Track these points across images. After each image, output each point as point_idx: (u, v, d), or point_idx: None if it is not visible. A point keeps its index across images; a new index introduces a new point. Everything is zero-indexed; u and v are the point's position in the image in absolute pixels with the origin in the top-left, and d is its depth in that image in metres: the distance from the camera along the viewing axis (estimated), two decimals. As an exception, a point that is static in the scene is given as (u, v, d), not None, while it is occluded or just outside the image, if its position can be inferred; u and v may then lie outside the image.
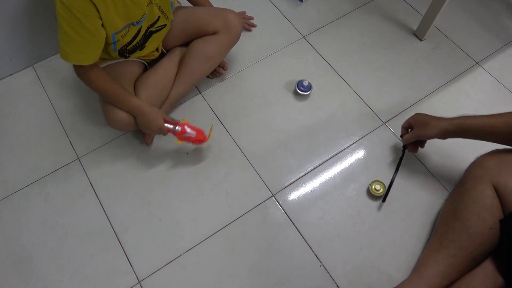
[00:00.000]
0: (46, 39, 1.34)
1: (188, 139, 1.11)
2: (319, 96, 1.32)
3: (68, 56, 0.98)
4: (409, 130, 1.13)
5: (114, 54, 1.11)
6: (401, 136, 1.17)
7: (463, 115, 1.02)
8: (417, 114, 1.11)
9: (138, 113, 1.08)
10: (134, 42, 1.10)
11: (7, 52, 1.31)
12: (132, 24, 1.04)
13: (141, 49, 1.15)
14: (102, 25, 0.98)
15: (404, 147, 1.17)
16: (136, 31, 1.07)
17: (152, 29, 1.13)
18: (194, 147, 1.22)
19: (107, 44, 1.06)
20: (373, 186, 1.13)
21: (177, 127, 1.09)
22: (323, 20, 1.49)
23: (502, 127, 0.95)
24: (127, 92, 1.08)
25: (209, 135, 1.14)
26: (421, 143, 1.14)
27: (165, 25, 1.17)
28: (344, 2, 1.54)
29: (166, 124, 1.09)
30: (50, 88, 1.35)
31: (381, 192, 1.12)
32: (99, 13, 0.95)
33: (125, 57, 1.14)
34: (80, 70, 1.04)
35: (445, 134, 1.04)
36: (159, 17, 1.12)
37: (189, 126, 1.10)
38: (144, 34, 1.11)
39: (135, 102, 1.08)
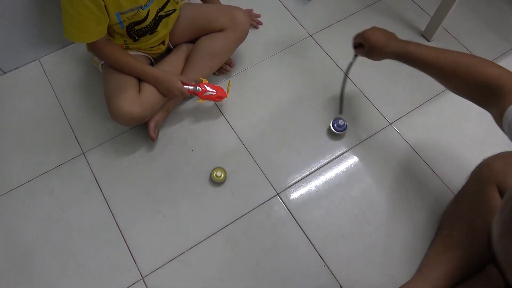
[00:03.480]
0: (53, 33, 1.34)
1: (209, 97, 1.17)
2: (325, 95, 1.31)
3: (72, 35, 1.02)
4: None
5: (122, 31, 1.11)
6: (353, 46, 1.13)
7: (414, 42, 0.95)
8: (368, 34, 1.03)
9: (156, 81, 1.13)
10: (144, 25, 1.10)
11: (13, 45, 1.31)
12: (141, 7, 1.05)
13: (151, 33, 1.15)
14: (105, 5, 0.99)
15: (355, 55, 1.16)
16: (145, 14, 1.08)
17: (162, 13, 1.13)
18: (199, 143, 1.22)
19: (112, 25, 1.06)
20: (214, 173, 1.14)
21: (197, 88, 1.15)
22: (331, 19, 1.48)
23: (438, 71, 0.87)
24: (140, 62, 1.13)
25: (228, 91, 1.21)
26: None
27: (174, 10, 1.17)
28: (352, 1, 1.53)
29: (186, 86, 1.14)
30: (56, 82, 1.34)
31: (222, 178, 1.14)
32: None
33: (134, 39, 1.14)
34: (92, 46, 1.08)
35: (393, 58, 0.99)
36: (168, 0, 1.13)
37: (208, 85, 1.16)
38: (154, 18, 1.11)
39: (151, 71, 1.13)
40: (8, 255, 1.07)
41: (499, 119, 0.72)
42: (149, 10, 1.07)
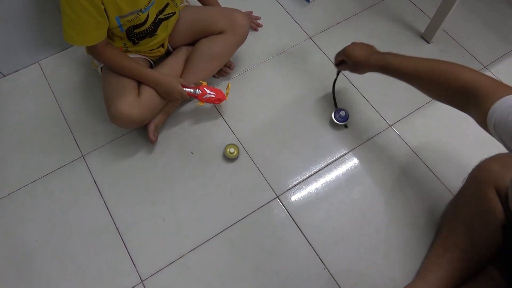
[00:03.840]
0: (52, 36, 1.34)
1: (209, 100, 1.17)
2: (325, 97, 1.31)
3: (71, 38, 1.02)
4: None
5: (122, 35, 1.11)
6: (335, 64, 1.17)
7: (392, 53, 0.99)
8: (350, 51, 1.07)
9: (156, 84, 1.13)
10: (143, 28, 1.10)
11: (13, 48, 1.31)
12: (141, 11, 1.05)
13: (151, 36, 1.15)
14: (104, 8, 0.99)
15: (339, 71, 1.22)
16: (145, 17, 1.08)
17: (161, 16, 1.13)
18: (198, 145, 1.22)
19: (112, 28, 1.07)
20: (228, 150, 1.18)
21: (197, 90, 1.15)
22: (330, 21, 1.48)
23: (416, 79, 0.91)
24: (139, 65, 1.13)
25: (227, 93, 1.21)
26: None
27: (174, 13, 1.17)
28: (351, 3, 1.53)
29: (186, 89, 1.14)
30: (55, 85, 1.34)
31: (236, 154, 1.18)
32: None
33: (134, 42, 1.14)
34: (91, 49, 1.08)
35: (375, 71, 1.03)
36: (167, 3, 1.13)
37: (207, 88, 1.16)
38: (154, 21, 1.11)
39: (150, 74, 1.13)
40: (8, 257, 1.07)
41: (482, 122, 0.74)
42: (148, 14, 1.08)
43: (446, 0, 1.27)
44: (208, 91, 1.16)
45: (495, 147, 1.00)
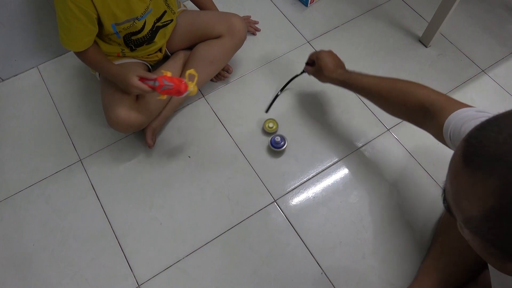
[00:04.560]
0: (51, 40, 1.34)
1: (169, 92, 1.01)
2: (322, 101, 1.31)
3: (63, 41, 1.02)
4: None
5: (119, 41, 1.11)
6: (306, 63, 1.20)
7: (356, 72, 1.06)
8: (323, 56, 1.11)
9: (115, 79, 1.07)
10: (140, 35, 1.10)
11: (12, 53, 1.31)
12: (137, 18, 1.05)
13: (148, 43, 1.15)
14: (99, 16, 0.99)
15: (303, 71, 1.23)
16: (141, 25, 1.08)
17: (159, 24, 1.13)
18: (196, 149, 1.22)
19: (108, 34, 1.07)
20: (267, 124, 1.23)
21: (156, 82, 1.01)
22: (328, 25, 1.49)
23: (376, 94, 0.99)
24: (109, 62, 1.08)
25: (191, 85, 1.02)
26: None
27: (171, 20, 1.17)
28: (349, 7, 1.53)
29: (145, 81, 1.03)
30: (53, 89, 1.35)
31: (274, 129, 1.21)
32: (94, 5, 0.96)
33: (131, 49, 1.14)
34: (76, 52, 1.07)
35: (335, 83, 1.10)
36: (165, 11, 1.13)
37: (167, 78, 1.00)
38: (151, 29, 1.12)
39: (112, 70, 1.07)
40: (5, 262, 1.07)
41: (439, 135, 0.79)
42: (145, 21, 1.08)
43: (443, 4, 1.27)
44: (166, 81, 1.00)
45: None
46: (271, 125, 1.22)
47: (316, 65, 1.13)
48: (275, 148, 1.18)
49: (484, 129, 0.47)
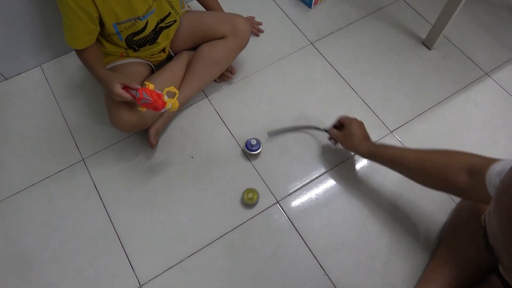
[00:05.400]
0: (55, 39, 1.34)
1: (147, 105, 0.97)
2: (325, 103, 1.31)
3: (66, 39, 1.02)
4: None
5: (122, 44, 1.11)
6: (334, 124, 1.17)
7: (382, 144, 1.03)
8: (354, 123, 1.09)
9: (102, 85, 1.05)
10: (142, 35, 1.10)
11: (16, 51, 1.31)
12: (139, 18, 1.05)
13: (151, 44, 1.15)
14: (100, 16, 0.99)
15: (327, 131, 1.18)
16: (143, 25, 1.08)
17: (162, 24, 1.13)
18: (199, 150, 1.21)
19: (110, 34, 1.07)
20: (246, 195, 1.11)
21: (137, 93, 0.97)
22: (332, 27, 1.49)
23: (412, 162, 0.93)
24: (99, 65, 1.05)
25: (170, 102, 0.99)
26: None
27: (175, 21, 1.17)
28: (353, 9, 1.53)
29: (129, 90, 1.00)
30: (56, 88, 1.35)
31: (255, 199, 1.10)
32: (95, 4, 0.96)
33: (134, 49, 1.14)
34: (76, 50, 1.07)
35: (362, 154, 1.07)
36: (169, 13, 1.12)
37: (147, 91, 0.96)
38: (154, 30, 1.11)
39: (99, 74, 1.04)
40: (6, 261, 1.06)
41: (487, 192, 0.74)
42: (147, 21, 1.08)
43: (447, 6, 1.27)
44: (145, 95, 0.96)
45: (497, 154, 1.00)
46: (250, 195, 1.11)
47: (346, 130, 1.10)
48: (249, 151, 1.17)
49: None
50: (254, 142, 1.17)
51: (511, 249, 0.45)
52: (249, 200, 1.10)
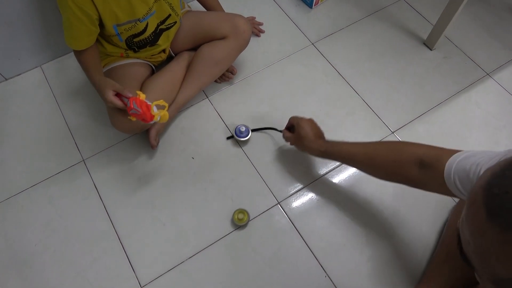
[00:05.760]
0: (56, 40, 1.34)
1: (136, 116, 0.95)
2: (326, 103, 1.31)
3: (66, 39, 1.01)
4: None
5: (122, 44, 1.10)
6: (286, 126, 1.14)
7: (335, 140, 1.01)
8: (302, 123, 1.05)
9: (96, 90, 1.03)
10: (142, 37, 1.10)
11: (16, 52, 1.31)
12: (139, 20, 1.04)
13: (151, 45, 1.15)
14: (100, 17, 0.99)
15: (281, 131, 1.16)
16: (143, 27, 1.07)
17: (163, 26, 1.13)
18: (199, 150, 1.21)
19: (110, 35, 1.06)
20: (236, 216, 1.09)
21: (128, 102, 0.95)
22: (333, 27, 1.48)
23: (361, 157, 0.93)
24: (94, 69, 1.04)
25: (159, 115, 0.96)
26: None
27: (175, 23, 1.17)
28: (354, 9, 1.53)
29: (122, 97, 0.98)
30: (57, 89, 1.34)
31: (245, 220, 1.08)
32: (95, 5, 0.96)
33: (134, 50, 1.14)
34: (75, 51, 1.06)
35: (315, 154, 1.04)
36: (169, 15, 1.12)
37: (137, 102, 0.93)
38: (154, 31, 1.11)
39: (94, 78, 1.02)
40: (6, 262, 1.06)
41: (441, 187, 0.73)
42: (148, 23, 1.07)
43: (449, 7, 1.27)
44: (135, 106, 0.93)
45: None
46: (240, 216, 1.09)
47: (296, 132, 1.06)
48: (238, 137, 1.19)
49: (507, 177, 0.42)
50: (243, 129, 1.20)
51: (483, 257, 0.44)
52: (239, 221, 1.09)
